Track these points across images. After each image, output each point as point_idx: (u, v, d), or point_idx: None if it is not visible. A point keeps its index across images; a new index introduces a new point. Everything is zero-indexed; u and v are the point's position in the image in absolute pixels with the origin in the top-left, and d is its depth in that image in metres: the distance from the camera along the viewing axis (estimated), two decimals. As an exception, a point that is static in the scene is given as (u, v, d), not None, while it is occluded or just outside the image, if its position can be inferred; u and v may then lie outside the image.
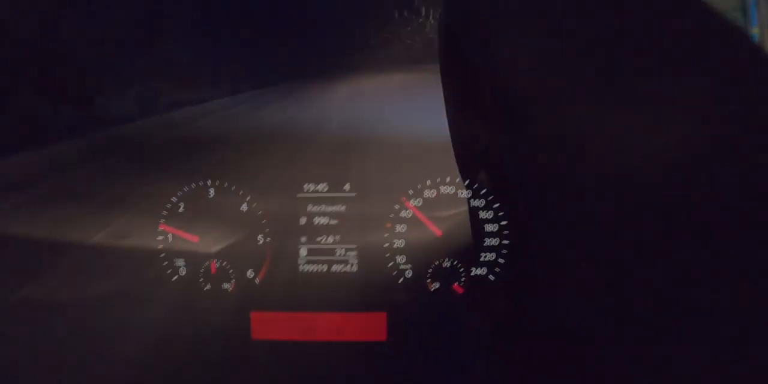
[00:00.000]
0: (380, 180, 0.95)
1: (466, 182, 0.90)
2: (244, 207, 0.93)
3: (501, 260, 0.90)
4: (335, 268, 0.93)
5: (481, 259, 0.90)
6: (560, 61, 0.68)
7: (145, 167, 1.10)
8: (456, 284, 0.91)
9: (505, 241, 0.89)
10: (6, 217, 0.97)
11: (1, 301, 0.92)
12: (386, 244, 0.91)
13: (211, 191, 0.94)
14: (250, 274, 0.93)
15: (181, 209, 0.93)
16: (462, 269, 0.91)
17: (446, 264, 0.91)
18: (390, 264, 0.92)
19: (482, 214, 0.90)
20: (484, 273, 0.90)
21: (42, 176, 1.07)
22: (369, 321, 0.89)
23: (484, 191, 0.90)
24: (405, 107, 1.40)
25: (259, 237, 0.93)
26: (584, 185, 0.60)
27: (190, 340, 0.91)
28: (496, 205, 0.89)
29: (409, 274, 0.92)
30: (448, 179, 0.91)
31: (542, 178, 0.64)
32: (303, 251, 0.93)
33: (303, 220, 0.93)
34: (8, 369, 0.89)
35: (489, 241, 0.90)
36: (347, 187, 0.93)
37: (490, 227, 0.90)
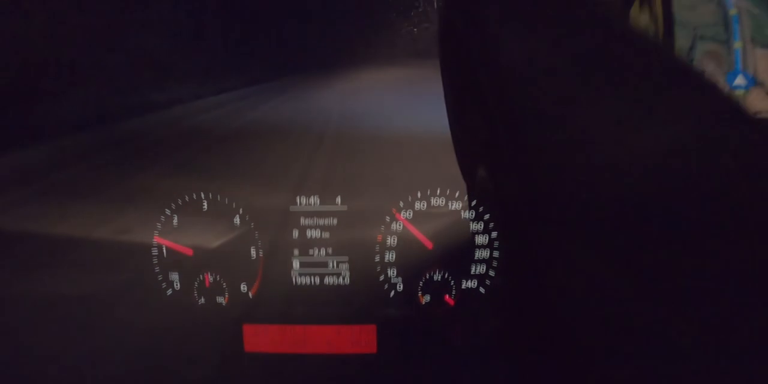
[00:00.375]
0: (372, 192, 0.95)
1: (466, 175, 0.90)
2: (237, 220, 0.94)
3: (491, 272, 0.89)
4: (328, 280, 0.93)
5: (472, 271, 0.90)
6: (557, 57, 0.69)
7: (144, 162, 1.11)
8: (447, 296, 0.91)
9: (496, 253, 0.89)
10: (7, 212, 0.99)
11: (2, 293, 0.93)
12: (377, 257, 0.92)
13: (205, 204, 0.95)
14: (243, 287, 0.94)
15: (175, 222, 0.94)
16: (453, 282, 0.90)
17: (437, 277, 0.91)
18: (381, 277, 0.92)
19: (473, 226, 0.90)
20: (475, 285, 0.90)
21: (42, 172, 1.08)
22: (359, 334, 0.90)
23: (474, 202, 0.90)
24: (403, 103, 1.41)
25: (252, 250, 0.94)
26: (579, 180, 0.60)
27: (185, 351, 0.91)
28: (487, 216, 0.89)
29: (400, 287, 0.92)
30: (438, 191, 0.91)
31: (539, 174, 0.64)
32: (296, 264, 0.94)
33: (295, 233, 0.94)
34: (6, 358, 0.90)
35: (479, 254, 0.90)
36: (339, 200, 0.93)
37: (480, 239, 0.90)
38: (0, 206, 1.01)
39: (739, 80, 0.67)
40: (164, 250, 0.94)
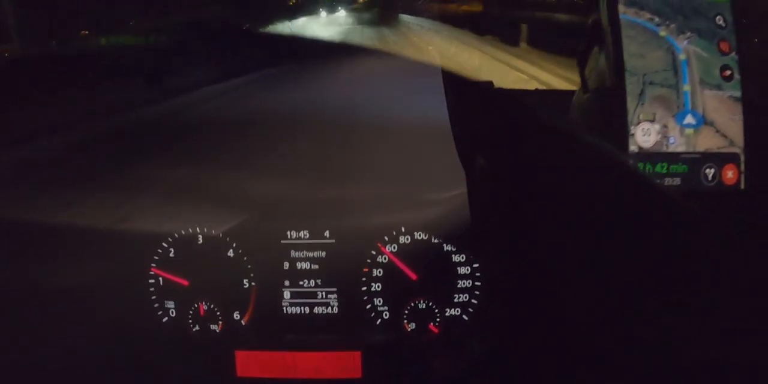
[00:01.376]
0: (358, 225, 1.00)
1: (465, 166, 0.92)
2: (231, 253, 0.99)
3: (474, 301, 0.96)
4: (317, 310, 0.99)
5: (455, 300, 0.96)
6: None
7: (146, 152, 1.12)
8: (431, 324, 0.97)
9: (478, 283, 0.96)
10: (11, 201, 0.99)
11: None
12: (364, 288, 0.97)
13: (200, 238, 0.99)
14: (236, 316, 0.99)
15: (171, 254, 0.99)
16: (437, 310, 0.97)
17: (422, 305, 0.97)
18: (368, 306, 0.97)
19: (455, 258, 0.96)
20: (458, 313, 0.96)
21: (44, 164, 1.08)
22: (345, 360, 0.95)
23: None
24: (406, 93, 1.43)
25: (245, 281, 0.99)
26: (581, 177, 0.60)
27: (181, 376, 0.95)
28: (468, 248, 0.96)
29: (386, 315, 0.97)
30: (422, 226, 0.97)
31: (536, 169, 0.66)
32: (286, 294, 0.99)
33: (286, 265, 0.99)
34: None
35: (462, 283, 0.96)
36: (327, 233, 0.99)
37: (463, 270, 0.96)
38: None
39: (689, 119, 0.74)
40: (161, 280, 0.99)
